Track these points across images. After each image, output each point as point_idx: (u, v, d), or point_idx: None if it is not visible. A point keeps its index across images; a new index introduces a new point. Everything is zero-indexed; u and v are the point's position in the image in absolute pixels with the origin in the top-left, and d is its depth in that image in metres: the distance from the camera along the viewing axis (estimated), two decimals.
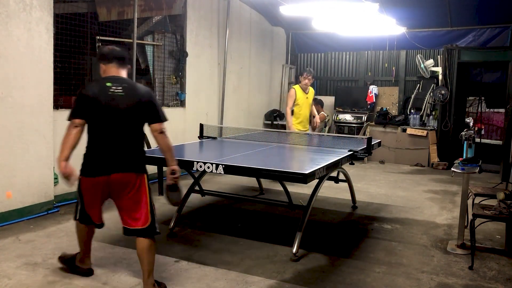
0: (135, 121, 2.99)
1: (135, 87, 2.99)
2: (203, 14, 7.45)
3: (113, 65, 3.01)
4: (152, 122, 3.02)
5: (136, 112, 2.96)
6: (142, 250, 3.01)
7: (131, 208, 3.01)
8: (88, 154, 2.99)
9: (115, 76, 2.99)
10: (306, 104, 6.79)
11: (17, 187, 4.52)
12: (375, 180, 7.36)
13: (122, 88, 2.92)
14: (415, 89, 9.49)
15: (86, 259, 3.31)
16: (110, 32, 5.92)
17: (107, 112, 2.90)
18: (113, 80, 2.95)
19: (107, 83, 2.92)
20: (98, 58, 3.15)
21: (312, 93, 6.94)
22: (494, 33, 8.54)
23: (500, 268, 3.72)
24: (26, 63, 4.50)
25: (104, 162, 2.93)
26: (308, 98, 6.81)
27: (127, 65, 3.11)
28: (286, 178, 3.65)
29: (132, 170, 2.98)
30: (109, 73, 3.01)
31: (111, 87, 2.90)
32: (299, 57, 11.07)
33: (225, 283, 3.26)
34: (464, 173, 4.05)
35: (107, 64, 3.02)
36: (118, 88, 2.91)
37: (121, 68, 3.04)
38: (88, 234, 3.27)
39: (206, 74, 7.68)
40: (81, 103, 2.93)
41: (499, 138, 9.33)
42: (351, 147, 4.73)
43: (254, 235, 4.32)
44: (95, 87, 2.94)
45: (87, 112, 2.91)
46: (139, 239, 3.02)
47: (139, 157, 3.05)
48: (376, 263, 3.73)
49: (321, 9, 6.48)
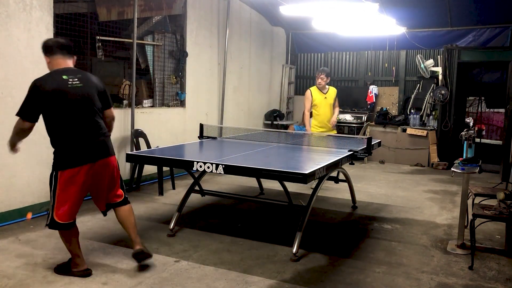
0: (98, 109, 3.21)
1: (88, 77, 3.18)
2: (203, 14, 7.45)
3: (59, 57, 3.08)
4: (105, 108, 3.30)
5: (97, 100, 3.19)
6: (125, 215, 3.42)
7: (112, 187, 3.36)
8: (64, 148, 3.10)
9: (67, 68, 3.09)
10: (324, 104, 6.52)
11: (17, 187, 4.52)
12: (375, 180, 7.36)
13: (78, 79, 3.07)
14: (415, 89, 9.50)
15: (79, 261, 3.29)
16: (110, 32, 5.92)
17: (73, 105, 3.04)
18: (67, 72, 3.06)
19: (63, 75, 3.02)
20: (42, 51, 3.16)
21: (333, 92, 6.61)
22: (494, 33, 8.54)
23: (500, 268, 3.72)
24: (26, 63, 4.50)
25: (86, 151, 3.12)
26: (327, 98, 6.53)
27: (73, 55, 3.20)
28: (286, 178, 3.64)
29: (111, 153, 3.31)
30: (57, 65, 3.07)
31: (69, 80, 3.02)
32: (299, 57, 11.06)
33: (225, 283, 3.26)
34: (464, 173, 4.05)
35: (52, 56, 3.08)
36: (75, 80, 3.05)
37: (68, 59, 3.13)
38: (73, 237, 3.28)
39: (206, 74, 7.67)
40: (39, 100, 2.98)
41: (499, 138, 9.34)
42: (351, 147, 4.73)
43: (254, 235, 4.32)
44: (53, 82, 3.00)
45: (45, 109, 3.02)
46: (120, 208, 3.42)
47: (110, 140, 3.34)
48: (376, 263, 3.73)
49: (321, 9, 6.47)
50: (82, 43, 5.57)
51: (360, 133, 9.22)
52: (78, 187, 3.14)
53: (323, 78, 6.52)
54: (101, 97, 3.25)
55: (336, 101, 6.66)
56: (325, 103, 6.55)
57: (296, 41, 10.70)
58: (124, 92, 6.18)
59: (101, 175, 3.25)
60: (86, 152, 3.12)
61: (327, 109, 6.56)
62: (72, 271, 3.28)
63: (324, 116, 6.55)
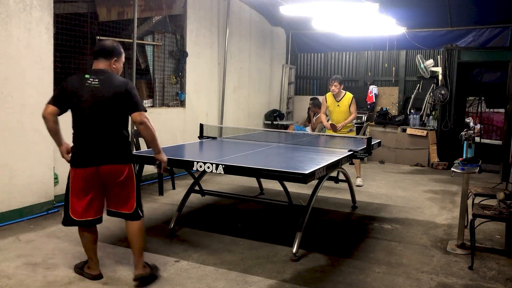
0: (113, 112, 3.06)
1: (111, 79, 3.06)
2: (203, 14, 7.45)
3: (96, 60, 3.14)
4: (130, 113, 3.10)
5: (113, 103, 3.03)
6: (133, 232, 3.21)
7: (119, 196, 3.16)
8: (75, 146, 3.11)
9: (95, 69, 3.11)
10: (337, 111, 6.69)
11: (17, 187, 4.52)
12: (375, 180, 7.36)
13: (98, 80, 3.02)
14: (415, 89, 9.50)
15: (91, 264, 3.27)
16: (110, 32, 5.92)
17: (85, 104, 3.02)
18: (92, 72, 3.08)
19: (86, 75, 3.05)
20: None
21: (347, 100, 6.64)
22: (494, 33, 8.54)
23: (500, 268, 3.72)
24: (26, 63, 4.50)
25: (91, 154, 3.05)
26: (339, 106, 6.65)
27: (109, 58, 3.14)
28: (286, 178, 3.65)
29: (118, 161, 3.09)
30: (93, 67, 3.15)
31: (89, 79, 3.02)
32: (299, 57, 11.06)
33: (225, 283, 3.26)
34: (464, 173, 4.05)
35: (94, 60, 3.17)
36: (95, 80, 3.02)
37: (101, 61, 3.13)
38: (91, 240, 3.25)
39: (206, 74, 7.67)
40: (59, 94, 3.11)
41: (499, 138, 9.34)
42: (351, 147, 4.74)
43: (254, 235, 4.32)
44: (75, 80, 3.10)
45: (64, 104, 3.07)
46: (129, 222, 3.21)
47: (123, 148, 3.13)
48: (376, 263, 3.73)
49: (321, 9, 6.47)
50: (82, 43, 5.56)
51: (360, 133, 9.21)
52: (87, 187, 3.09)
53: (336, 86, 6.64)
54: (122, 100, 3.05)
55: (352, 106, 6.66)
56: (338, 110, 6.69)
57: (296, 41, 10.70)
58: None
59: (108, 182, 3.12)
60: (89, 155, 3.06)
61: (340, 116, 6.69)
62: (83, 271, 3.29)
63: (335, 122, 6.71)
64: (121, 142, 3.12)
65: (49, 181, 4.85)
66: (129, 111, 3.09)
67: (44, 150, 4.76)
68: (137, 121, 3.08)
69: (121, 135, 3.13)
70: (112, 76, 3.09)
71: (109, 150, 3.07)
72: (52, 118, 3.08)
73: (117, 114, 3.08)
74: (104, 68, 3.11)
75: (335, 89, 6.63)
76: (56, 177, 4.96)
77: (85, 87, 3.02)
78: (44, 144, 4.75)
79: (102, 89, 3.02)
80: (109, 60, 3.14)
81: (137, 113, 3.09)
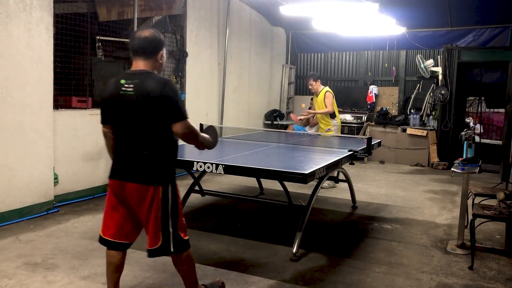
0: (148, 123, 2.52)
1: (145, 82, 2.51)
2: (203, 14, 7.45)
3: (134, 58, 2.62)
4: (169, 122, 2.52)
5: (148, 113, 2.50)
6: (174, 265, 2.76)
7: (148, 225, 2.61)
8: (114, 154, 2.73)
9: (132, 71, 2.60)
10: (315, 106, 7.07)
11: (17, 187, 4.52)
12: (375, 180, 7.36)
13: (133, 85, 2.51)
14: (415, 89, 9.50)
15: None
16: (110, 32, 5.92)
17: (119, 113, 2.57)
18: (128, 76, 2.57)
19: (121, 80, 2.56)
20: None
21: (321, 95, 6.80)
22: (494, 33, 8.54)
23: (500, 268, 3.72)
24: (26, 63, 4.50)
25: (119, 167, 2.63)
26: (317, 102, 6.94)
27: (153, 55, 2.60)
28: (286, 178, 3.64)
29: (146, 181, 2.54)
30: (132, 67, 2.64)
31: (124, 85, 2.54)
32: (299, 57, 11.07)
33: (225, 283, 3.26)
34: (464, 173, 4.05)
35: (132, 57, 2.64)
36: (130, 86, 2.52)
37: (141, 60, 2.59)
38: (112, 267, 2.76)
39: (206, 74, 7.67)
40: (102, 106, 2.70)
41: (499, 138, 9.34)
42: (351, 147, 4.73)
43: (254, 235, 4.32)
44: (111, 86, 2.61)
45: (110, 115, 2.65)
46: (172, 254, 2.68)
47: (158, 166, 2.57)
48: (376, 263, 3.73)
49: (321, 9, 6.47)
50: (82, 43, 5.56)
51: (360, 133, 9.22)
52: (115, 202, 2.67)
53: (311, 83, 6.88)
54: (158, 107, 2.48)
55: (325, 101, 6.80)
56: (316, 105, 7.04)
57: (296, 41, 10.70)
58: None
59: (133, 202, 2.60)
60: (117, 167, 2.64)
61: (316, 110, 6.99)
62: None
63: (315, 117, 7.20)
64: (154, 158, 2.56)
65: (49, 181, 4.85)
66: (168, 121, 2.51)
67: (44, 150, 4.76)
68: (179, 134, 2.54)
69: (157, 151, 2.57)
70: (148, 78, 2.52)
71: (137, 166, 2.56)
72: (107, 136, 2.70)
73: (151, 124, 2.53)
74: (144, 68, 2.58)
75: (310, 86, 6.88)
76: (56, 177, 4.96)
77: (119, 95, 2.53)
78: (44, 144, 4.75)
79: (135, 96, 2.50)
80: (152, 57, 2.60)
81: (177, 124, 2.51)
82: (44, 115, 4.72)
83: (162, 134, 2.56)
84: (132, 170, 2.57)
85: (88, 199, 5.40)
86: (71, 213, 4.85)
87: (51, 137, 4.81)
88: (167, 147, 2.61)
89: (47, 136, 4.79)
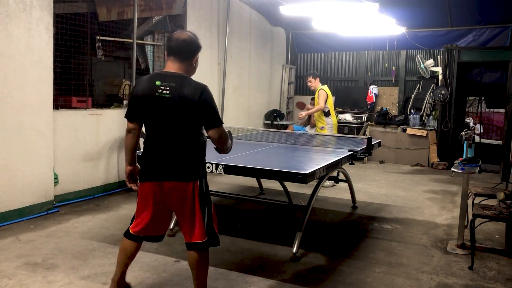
0: (184, 125, 2.61)
1: (181, 86, 2.57)
2: (203, 14, 7.45)
3: (170, 59, 2.65)
4: (206, 128, 2.66)
5: (183, 116, 2.58)
6: (192, 263, 2.76)
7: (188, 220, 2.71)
8: (142, 157, 2.74)
9: (168, 73, 2.63)
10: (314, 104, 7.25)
11: (17, 187, 4.51)
12: (375, 180, 7.36)
13: (169, 88, 2.56)
14: (415, 89, 9.49)
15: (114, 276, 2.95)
16: (110, 32, 5.92)
17: (154, 115, 2.61)
18: (164, 77, 2.59)
19: (157, 81, 2.58)
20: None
21: (317, 92, 7.00)
22: (494, 33, 8.54)
23: (500, 268, 3.72)
24: (26, 63, 4.50)
25: (152, 168, 2.68)
26: (314, 99, 7.24)
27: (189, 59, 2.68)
28: (286, 178, 3.65)
29: (184, 178, 2.65)
30: (166, 68, 2.67)
31: (160, 87, 2.57)
32: (299, 57, 11.07)
33: (225, 283, 3.26)
34: (464, 173, 4.05)
35: (168, 57, 2.67)
36: (166, 89, 2.56)
37: (177, 62, 2.64)
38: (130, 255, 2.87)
39: (206, 74, 7.67)
40: (132, 103, 2.70)
41: (499, 138, 9.34)
42: (351, 147, 4.73)
43: (254, 235, 4.32)
44: (145, 86, 2.62)
45: (139, 113, 2.67)
46: (189, 252, 2.74)
47: (194, 163, 2.69)
48: (376, 263, 3.73)
49: (321, 9, 6.47)
50: (82, 43, 5.56)
51: (360, 133, 9.22)
52: (149, 203, 2.72)
53: (310, 81, 7.05)
54: (195, 112, 2.58)
55: (318, 99, 6.94)
56: (314, 102, 7.24)
57: (296, 41, 10.70)
58: (124, 92, 6.18)
59: (171, 200, 2.69)
60: (152, 169, 2.68)
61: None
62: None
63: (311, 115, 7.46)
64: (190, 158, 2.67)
65: (49, 181, 4.85)
66: (205, 126, 2.65)
67: (44, 150, 4.76)
68: (214, 139, 2.67)
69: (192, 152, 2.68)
70: (184, 82, 2.59)
71: (173, 165, 2.64)
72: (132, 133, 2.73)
73: (187, 127, 2.63)
74: (178, 71, 2.63)
75: (309, 83, 7.07)
76: (56, 177, 4.96)
77: (155, 97, 2.56)
78: (44, 144, 4.75)
79: (172, 100, 2.55)
80: (187, 61, 2.66)
81: (214, 130, 2.64)
82: (44, 115, 4.72)
83: (195, 134, 2.68)
84: (170, 169, 2.65)
85: (88, 199, 5.40)
86: (71, 213, 4.85)
87: (51, 137, 4.81)
88: (199, 145, 2.71)
89: (47, 136, 4.79)
